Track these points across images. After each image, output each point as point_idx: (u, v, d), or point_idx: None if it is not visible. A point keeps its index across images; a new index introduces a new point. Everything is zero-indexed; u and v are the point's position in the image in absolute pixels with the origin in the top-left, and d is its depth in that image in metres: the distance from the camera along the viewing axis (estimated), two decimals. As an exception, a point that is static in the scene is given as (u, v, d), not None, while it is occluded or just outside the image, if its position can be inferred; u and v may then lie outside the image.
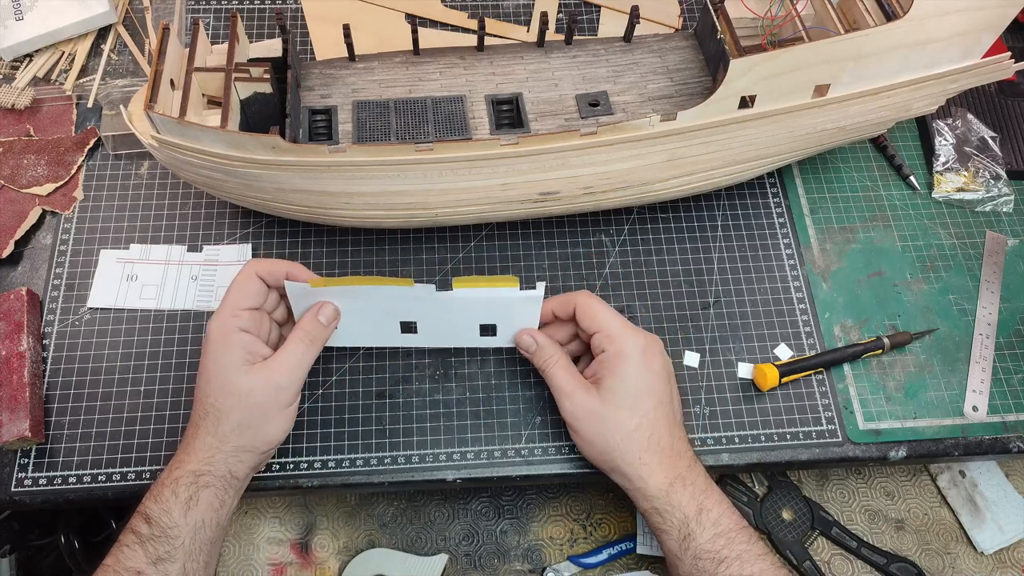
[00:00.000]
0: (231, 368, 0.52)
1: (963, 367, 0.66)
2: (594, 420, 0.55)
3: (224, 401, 0.52)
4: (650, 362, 0.55)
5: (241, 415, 0.52)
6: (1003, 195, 0.73)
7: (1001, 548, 0.69)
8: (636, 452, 0.54)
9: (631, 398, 0.54)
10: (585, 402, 0.55)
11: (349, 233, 0.67)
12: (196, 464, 0.51)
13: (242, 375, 0.52)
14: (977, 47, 0.57)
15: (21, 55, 0.73)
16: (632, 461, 0.54)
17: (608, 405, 0.54)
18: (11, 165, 0.68)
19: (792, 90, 0.57)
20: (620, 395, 0.54)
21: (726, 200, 0.71)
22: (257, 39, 0.67)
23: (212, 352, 0.52)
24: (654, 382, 0.55)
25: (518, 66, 0.63)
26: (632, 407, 0.54)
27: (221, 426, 0.52)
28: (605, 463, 0.55)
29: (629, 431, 0.54)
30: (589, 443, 0.55)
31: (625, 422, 0.54)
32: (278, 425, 0.54)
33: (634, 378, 0.54)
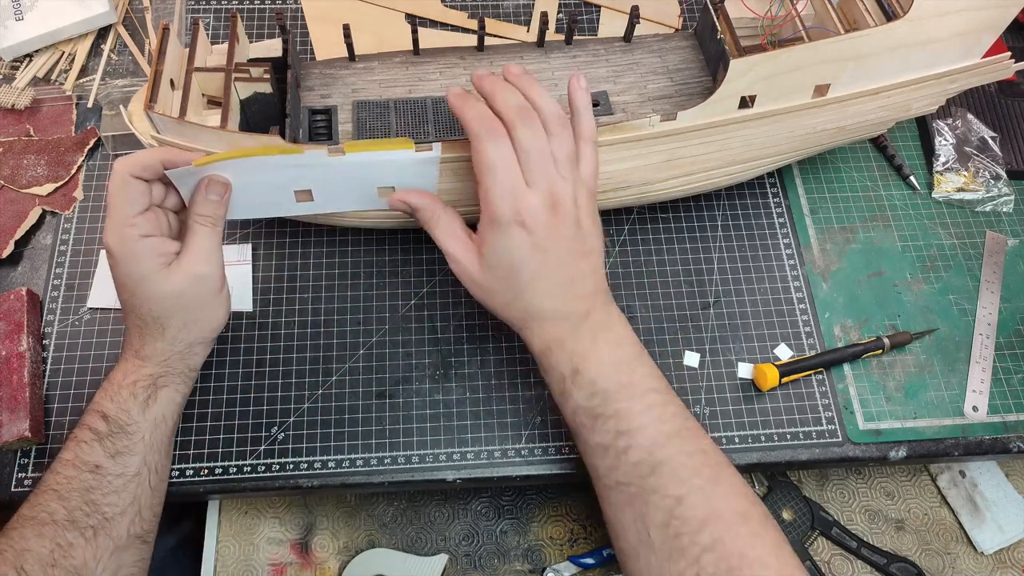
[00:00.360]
0: (149, 277, 0.50)
1: (963, 367, 0.66)
2: (476, 287, 0.53)
3: (158, 307, 0.51)
4: (531, 241, 0.50)
5: (181, 316, 0.52)
6: (1003, 195, 0.73)
7: (1001, 548, 0.69)
8: (518, 319, 0.53)
9: (503, 269, 0.51)
10: (467, 268, 0.53)
11: (349, 233, 0.67)
12: (153, 368, 0.52)
13: (163, 280, 0.50)
14: (977, 47, 0.57)
15: (21, 55, 0.73)
16: (515, 324, 0.54)
17: (484, 273, 0.52)
18: (11, 165, 0.68)
19: (792, 90, 0.57)
20: (493, 265, 0.52)
21: (726, 200, 0.71)
22: (257, 39, 0.67)
23: (123, 267, 0.50)
24: (529, 259, 0.51)
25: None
26: (506, 279, 0.52)
27: (167, 331, 0.52)
28: (490, 308, 0.54)
29: (506, 302, 0.53)
30: (480, 302, 0.54)
31: (501, 292, 0.52)
32: (218, 310, 0.54)
33: (507, 254, 0.51)
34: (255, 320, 0.64)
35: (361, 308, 0.65)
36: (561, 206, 0.51)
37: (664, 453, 0.48)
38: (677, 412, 0.51)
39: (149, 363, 0.52)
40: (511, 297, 0.52)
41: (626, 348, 0.52)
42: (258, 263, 0.66)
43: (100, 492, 0.49)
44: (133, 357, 0.52)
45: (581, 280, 0.52)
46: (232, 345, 0.63)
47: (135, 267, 0.50)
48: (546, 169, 0.51)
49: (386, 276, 0.66)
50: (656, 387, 0.51)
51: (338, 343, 0.63)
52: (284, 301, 0.64)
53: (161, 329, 0.52)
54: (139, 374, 0.52)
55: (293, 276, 0.66)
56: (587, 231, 0.53)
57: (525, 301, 0.52)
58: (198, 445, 0.59)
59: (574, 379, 0.51)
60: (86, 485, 0.49)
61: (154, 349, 0.52)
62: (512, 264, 0.51)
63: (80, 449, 0.50)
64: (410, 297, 0.65)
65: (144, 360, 0.52)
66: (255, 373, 0.62)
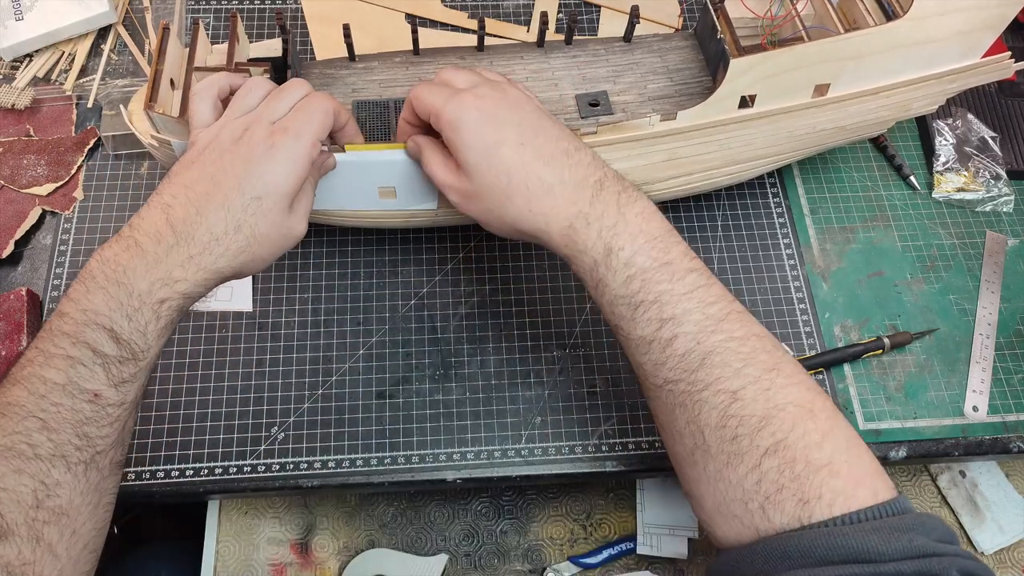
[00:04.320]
0: (288, 199, 0.47)
1: (963, 367, 0.66)
2: (475, 200, 0.49)
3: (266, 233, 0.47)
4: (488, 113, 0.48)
5: (269, 249, 0.47)
6: (1003, 195, 0.73)
7: (1001, 548, 0.69)
8: (524, 207, 0.47)
9: (483, 160, 0.48)
10: (460, 187, 0.50)
11: (349, 233, 0.67)
12: (191, 287, 0.44)
13: (291, 213, 0.48)
14: (977, 47, 0.57)
15: (21, 55, 0.73)
16: (526, 217, 0.48)
17: (474, 180, 0.48)
18: (11, 165, 0.68)
19: (792, 89, 0.57)
20: (474, 165, 0.48)
21: (726, 200, 0.71)
22: (257, 39, 0.67)
23: (282, 171, 0.46)
24: (496, 129, 0.47)
25: (518, 66, 0.63)
26: (491, 167, 0.48)
27: (243, 255, 0.46)
28: (511, 232, 0.50)
29: (504, 189, 0.48)
30: (486, 222, 0.50)
31: (495, 185, 0.48)
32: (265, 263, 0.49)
33: (476, 139, 0.47)
34: (255, 320, 0.64)
35: (361, 308, 0.65)
36: (508, 89, 0.50)
37: (713, 341, 0.43)
38: (722, 294, 0.46)
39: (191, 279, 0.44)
40: (506, 180, 0.47)
41: (656, 221, 0.47)
42: (258, 263, 0.66)
43: (96, 424, 0.42)
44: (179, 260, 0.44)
45: (575, 151, 0.48)
46: (232, 345, 0.63)
47: (286, 184, 0.47)
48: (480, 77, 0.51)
49: (386, 276, 0.66)
50: (696, 267, 0.46)
51: (338, 343, 0.63)
52: (284, 301, 0.64)
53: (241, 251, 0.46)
54: (172, 291, 0.43)
55: (293, 276, 0.66)
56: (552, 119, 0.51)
57: (523, 175, 0.47)
58: (198, 445, 0.59)
59: (607, 262, 0.46)
60: (81, 417, 0.41)
61: (212, 265, 0.45)
62: (486, 144, 0.47)
63: (77, 372, 0.41)
64: (410, 297, 0.65)
65: (187, 271, 0.44)
66: (255, 373, 0.62)
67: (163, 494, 0.58)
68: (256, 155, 0.46)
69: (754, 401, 0.42)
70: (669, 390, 0.45)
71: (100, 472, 0.43)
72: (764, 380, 0.42)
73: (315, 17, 0.77)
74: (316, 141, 0.48)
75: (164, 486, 0.58)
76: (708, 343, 0.43)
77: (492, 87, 0.50)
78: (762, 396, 0.42)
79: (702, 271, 0.46)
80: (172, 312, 0.44)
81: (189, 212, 0.44)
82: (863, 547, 0.36)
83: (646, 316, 0.45)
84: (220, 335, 0.63)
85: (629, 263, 0.45)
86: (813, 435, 0.41)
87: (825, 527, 0.39)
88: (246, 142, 0.47)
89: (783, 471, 0.40)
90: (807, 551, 0.38)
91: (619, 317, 0.46)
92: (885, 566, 0.36)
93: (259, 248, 0.47)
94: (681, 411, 0.44)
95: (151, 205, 0.45)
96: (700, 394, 0.43)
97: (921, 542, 0.37)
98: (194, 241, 0.44)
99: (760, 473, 0.41)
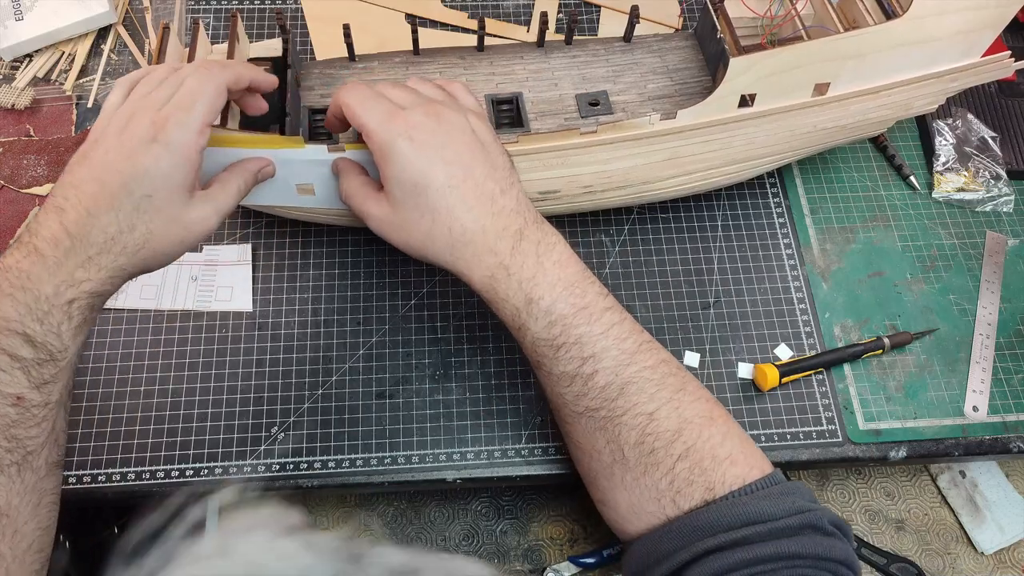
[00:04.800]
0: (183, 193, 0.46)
1: (963, 367, 0.66)
2: (394, 229, 0.50)
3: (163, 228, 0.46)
4: (420, 146, 0.47)
5: (168, 245, 0.47)
6: (1003, 195, 0.73)
7: (1001, 548, 0.69)
8: (446, 250, 0.49)
9: (410, 196, 0.48)
10: (380, 215, 0.50)
11: (349, 233, 0.67)
12: (96, 285, 0.45)
13: (192, 205, 0.47)
14: (977, 46, 0.58)
15: (21, 55, 0.73)
16: (446, 260, 0.49)
17: (397, 210, 0.49)
18: (11, 165, 0.68)
19: (792, 88, 0.57)
20: (399, 197, 0.48)
21: (726, 200, 0.71)
22: (257, 39, 0.67)
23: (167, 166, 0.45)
24: (428, 170, 0.47)
25: (518, 66, 0.63)
26: (416, 205, 0.48)
27: (143, 251, 0.46)
28: (431, 263, 0.50)
29: (427, 231, 0.48)
30: (405, 251, 0.51)
31: (418, 222, 0.48)
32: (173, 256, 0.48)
33: (405, 173, 0.47)
34: (255, 320, 0.64)
35: (361, 308, 0.65)
36: (444, 116, 0.49)
37: (630, 372, 0.48)
38: (633, 327, 0.50)
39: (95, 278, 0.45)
40: (429, 221, 0.48)
41: (572, 267, 0.50)
42: (258, 263, 0.66)
43: (24, 426, 0.43)
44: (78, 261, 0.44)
45: (500, 195, 0.49)
46: (232, 345, 0.63)
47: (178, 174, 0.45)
48: (419, 97, 0.50)
49: (386, 276, 0.66)
50: (610, 305, 0.50)
51: (338, 343, 0.63)
52: (284, 301, 0.64)
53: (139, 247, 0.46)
54: (79, 291, 0.44)
55: (293, 276, 0.66)
56: (489, 146, 0.50)
57: (446, 219, 0.48)
58: (198, 445, 0.59)
59: (528, 310, 0.48)
60: (7, 420, 0.42)
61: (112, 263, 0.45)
62: (414, 182, 0.47)
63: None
64: (410, 297, 0.65)
65: (89, 271, 0.44)
66: (255, 373, 0.62)
67: (163, 494, 0.58)
68: (138, 149, 0.45)
69: (667, 419, 0.48)
70: (590, 416, 0.49)
71: (36, 473, 0.44)
72: (674, 400, 0.48)
73: (315, 17, 0.77)
74: (204, 127, 0.46)
75: (164, 486, 0.58)
76: (625, 374, 0.48)
77: (426, 113, 0.49)
78: (674, 414, 0.48)
79: (615, 308, 0.50)
80: (84, 311, 0.45)
81: (81, 215, 0.44)
82: (759, 511, 0.44)
83: (568, 355, 0.48)
84: (220, 335, 0.63)
85: (549, 311, 0.48)
86: (716, 437, 0.48)
87: (726, 500, 0.46)
88: (128, 135, 0.45)
89: (693, 470, 0.47)
90: (715, 521, 0.44)
91: (541, 355, 0.50)
92: (777, 523, 0.43)
93: (159, 244, 0.46)
94: (601, 433, 0.49)
95: (47, 208, 0.45)
96: (620, 418, 0.48)
97: (800, 502, 0.45)
98: (90, 243, 0.44)
99: (673, 475, 0.47)
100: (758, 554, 0.43)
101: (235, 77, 0.48)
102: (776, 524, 0.44)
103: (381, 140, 0.47)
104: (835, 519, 0.46)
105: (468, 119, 0.50)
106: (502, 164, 0.51)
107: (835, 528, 0.45)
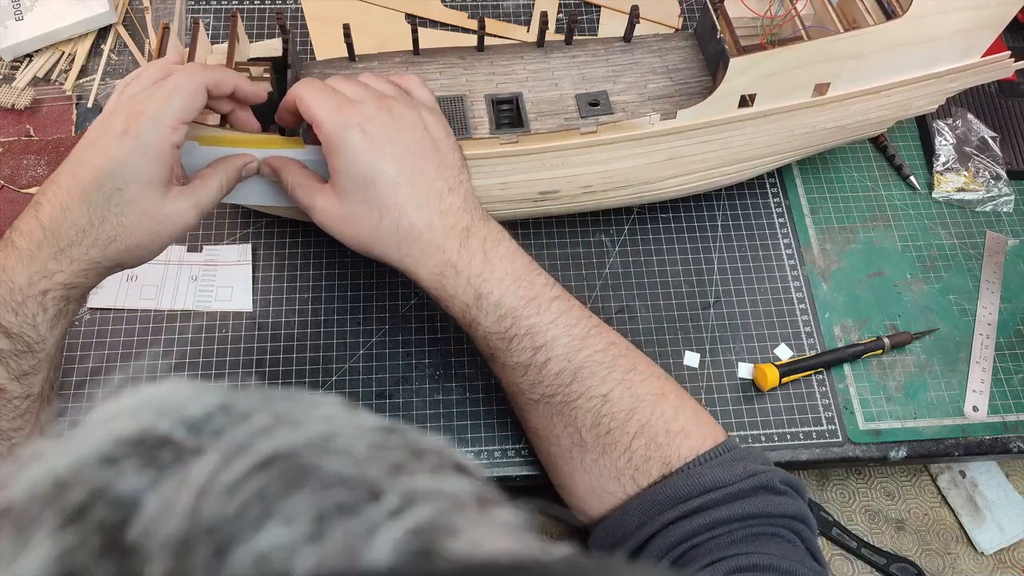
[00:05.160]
0: (155, 187, 0.46)
1: (963, 367, 0.66)
2: (341, 222, 0.49)
3: (135, 222, 0.46)
4: (371, 140, 0.47)
5: (142, 239, 0.47)
6: (1003, 195, 0.73)
7: (1001, 548, 0.69)
8: (393, 246, 0.49)
9: (359, 189, 0.48)
10: (326, 207, 0.49)
11: (349, 233, 0.67)
12: (69, 277, 0.45)
13: (166, 200, 0.47)
14: (977, 46, 0.58)
15: (21, 55, 0.73)
16: (393, 255, 0.49)
17: (344, 202, 0.48)
18: (11, 165, 0.68)
19: (792, 89, 0.57)
20: (348, 189, 0.48)
21: (726, 200, 0.71)
22: (257, 39, 0.67)
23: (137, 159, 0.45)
24: (376, 163, 0.47)
25: (518, 66, 0.63)
26: (364, 199, 0.48)
27: (115, 244, 0.46)
28: (378, 259, 0.50)
29: (374, 225, 0.48)
30: (352, 246, 0.50)
31: (366, 216, 0.48)
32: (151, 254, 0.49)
33: (354, 166, 0.47)
34: (255, 320, 0.64)
35: (361, 308, 0.65)
36: (396, 111, 0.49)
37: (581, 357, 0.49)
38: (581, 313, 0.51)
39: (68, 269, 0.45)
40: (376, 216, 0.48)
41: (519, 260, 0.51)
42: (258, 263, 0.66)
43: (6, 418, 0.44)
44: (51, 253, 0.45)
45: (448, 193, 0.49)
46: (232, 345, 0.63)
47: (150, 168, 0.45)
48: (371, 91, 0.50)
49: (386, 276, 0.66)
50: (557, 294, 0.51)
51: (338, 343, 0.63)
52: (284, 301, 0.64)
53: (111, 241, 0.46)
54: (52, 282, 0.45)
55: (293, 276, 0.66)
56: (441, 143, 0.50)
57: (395, 215, 0.48)
58: (198, 445, 0.59)
59: (478, 304, 0.49)
60: None
61: (84, 255, 0.45)
62: (364, 175, 0.47)
63: None
64: (410, 297, 0.65)
65: (61, 263, 0.45)
66: (255, 373, 0.62)
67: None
68: (111, 143, 0.45)
69: (620, 399, 0.49)
70: (546, 403, 0.50)
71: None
72: (626, 381, 0.49)
73: (315, 17, 0.77)
74: (176, 124, 0.46)
75: (164, 486, 0.57)
76: (577, 360, 0.49)
77: (379, 106, 0.48)
78: (627, 393, 0.49)
79: (563, 296, 0.51)
80: (58, 302, 0.46)
81: (55, 208, 0.45)
82: (713, 478, 0.46)
83: (520, 346, 0.49)
84: (220, 335, 0.63)
85: (499, 304, 0.49)
86: (668, 412, 0.49)
87: (682, 472, 0.47)
88: (104, 131, 0.46)
89: (649, 446, 0.48)
90: (673, 494, 0.46)
91: (494, 348, 0.50)
92: (731, 487, 0.45)
93: (131, 237, 0.46)
94: (559, 419, 0.50)
95: (29, 205, 0.46)
96: (575, 402, 0.49)
97: (752, 467, 0.47)
98: (61, 235, 0.45)
99: (631, 453, 0.48)
100: (715, 518, 0.45)
101: (216, 80, 0.48)
102: (730, 489, 0.46)
103: (331, 131, 0.47)
104: (787, 478, 0.48)
105: (421, 114, 0.50)
106: (452, 162, 0.51)
107: (786, 487, 0.47)
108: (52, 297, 0.45)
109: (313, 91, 0.49)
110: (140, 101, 0.46)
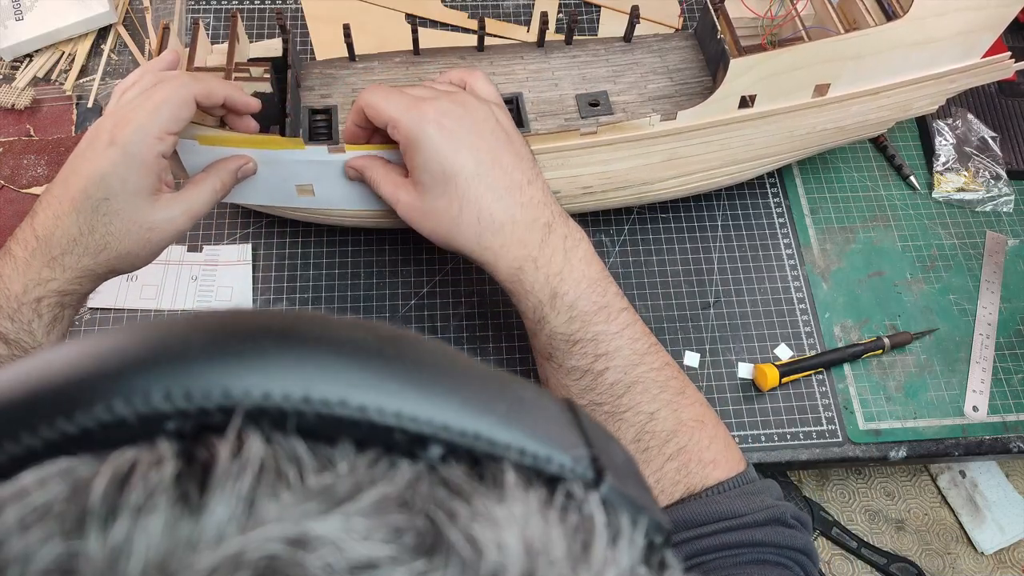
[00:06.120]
0: (142, 196, 0.46)
1: (963, 367, 0.66)
2: (421, 216, 0.50)
3: (124, 231, 0.46)
4: (449, 134, 0.48)
5: (132, 247, 0.47)
6: (1003, 195, 0.73)
7: (1001, 548, 0.69)
8: (473, 238, 0.49)
9: (439, 183, 0.48)
10: (408, 201, 0.50)
11: (349, 233, 0.67)
12: (63, 284, 0.46)
13: (154, 208, 0.47)
14: (977, 47, 0.58)
15: (21, 55, 0.73)
16: (473, 248, 0.49)
17: (424, 197, 0.49)
18: (11, 165, 0.68)
19: (792, 89, 0.57)
20: (428, 184, 0.48)
21: (726, 200, 0.71)
22: (257, 39, 0.67)
23: (122, 170, 0.45)
24: (456, 157, 0.48)
25: (518, 66, 0.63)
26: (445, 192, 0.48)
27: (106, 252, 0.46)
28: (457, 251, 0.51)
29: (454, 218, 0.48)
30: (434, 239, 0.51)
31: (446, 209, 0.49)
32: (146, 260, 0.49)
33: (433, 160, 0.48)
34: (255, 320, 0.63)
35: (361, 308, 0.65)
36: (470, 104, 0.49)
37: (637, 372, 0.49)
38: (643, 329, 0.51)
39: (61, 277, 0.46)
40: (457, 208, 0.48)
41: (595, 265, 0.51)
42: (258, 263, 0.66)
43: None
44: (45, 261, 0.46)
45: (527, 185, 0.50)
46: (232, 345, 0.62)
47: (136, 178, 0.46)
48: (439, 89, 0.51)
49: (386, 276, 0.66)
50: (625, 306, 0.51)
51: (338, 343, 0.63)
52: (284, 301, 0.64)
53: (101, 248, 0.46)
54: (46, 289, 0.45)
55: (293, 276, 0.66)
56: (513, 136, 0.51)
57: (475, 207, 0.48)
58: (198, 445, 0.59)
59: (552, 303, 0.49)
60: None
61: (77, 263, 0.46)
62: (444, 170, 0.48)
63: None
64: (410, 297, 0.65)
65: (55, 270, 0.46)
66: (255, 373, 0.61)
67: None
68: (98, 153, 0.45)
69: (665, 420, 0.49)
70: (593, 410, 0.50)
71: None
72: (674, 403, 0.49)
73: (315, 17, 0.77)
74: (162, 135, 0.46)
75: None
76: (633, 374, 0.49)
77: (452, 100, 0.49)
78: (672, 416, 0.49)
79: (629, 309, 0.51)
80: (53, 309, 0.46)
81: (48, 217, 0.46)
82: (730, 509, 0.46)
83: (583, 351, 0.49)
84: (220, 335, 0.63)
85: (572, 306, 0.49)
86: (704, 440, 0.49)
87: (700, 498, 0.47)
88: (93, 140, 0.46)
89: (680, 471, 0.48)
90: (689, 518, 0.46)
91: (555, 349, 0.50)
92: (746, 518, 0.46)
93: (121, 246, 0.47)
94: None
95: (29, 213, 0.47)
96: (623, 415, 0.49)
97: (768, 500, 0.47)
98: (54, 244, 0.46)
99: (661, 474, 0.48)
100: (724, 541, 0.45)
101: (206, 91, 0.48)
102: (744, 519, 0.46)
103: (408, 129, 0.47)
104: (797, 513, 0.48)
105: (491, 108, 0.51)
106: (526, 154, 0.51)
107: (796, 521, 0.48)
108: (47, 304, 0.46)
109: (382, 95, 0.49)
110: (129, 111, 0.46)
